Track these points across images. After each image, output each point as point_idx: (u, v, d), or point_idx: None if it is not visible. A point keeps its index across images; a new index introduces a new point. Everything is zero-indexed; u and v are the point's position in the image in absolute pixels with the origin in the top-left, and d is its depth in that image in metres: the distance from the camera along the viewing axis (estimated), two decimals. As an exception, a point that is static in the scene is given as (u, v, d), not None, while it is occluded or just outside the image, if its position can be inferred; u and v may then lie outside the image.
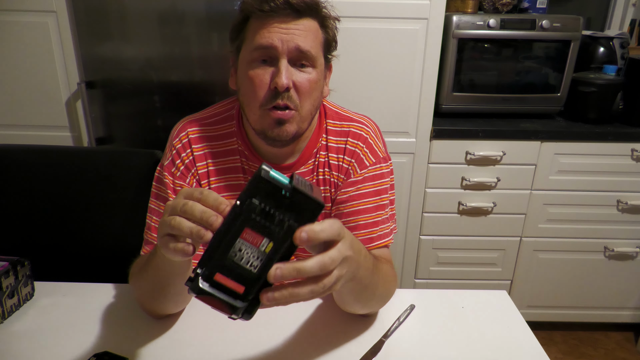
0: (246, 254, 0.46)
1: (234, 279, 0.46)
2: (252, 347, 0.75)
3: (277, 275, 0.46)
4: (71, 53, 1.58)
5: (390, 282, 0.80)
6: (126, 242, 0.97)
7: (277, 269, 0.46)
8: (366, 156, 0.87)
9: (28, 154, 1.12)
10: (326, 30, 0.80)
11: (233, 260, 0.46)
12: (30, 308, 0.83)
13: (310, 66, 0.77)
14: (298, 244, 0.46)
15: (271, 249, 0.46)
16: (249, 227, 0.46)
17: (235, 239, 0.46)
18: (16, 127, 1.67)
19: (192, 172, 0.86)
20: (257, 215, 0.46)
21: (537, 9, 1.83)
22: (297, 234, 0.46)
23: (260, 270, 0.46)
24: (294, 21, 0.74)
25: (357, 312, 0.81)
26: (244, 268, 0.46)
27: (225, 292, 0.47)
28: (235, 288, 0.46)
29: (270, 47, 0.73)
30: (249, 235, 0.46)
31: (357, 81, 1.65)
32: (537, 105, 1.82)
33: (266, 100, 0.75)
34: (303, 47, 0.74)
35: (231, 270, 0.46)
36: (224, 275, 0.46)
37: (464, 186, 1.76)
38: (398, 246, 1.86)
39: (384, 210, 0.88)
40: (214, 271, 0.46)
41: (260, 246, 0.46)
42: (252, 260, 0.46)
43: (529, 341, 0.78)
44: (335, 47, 0.83)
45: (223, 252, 0.46)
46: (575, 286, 1.91)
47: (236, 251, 0.46)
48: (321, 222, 0.49)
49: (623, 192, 1.78)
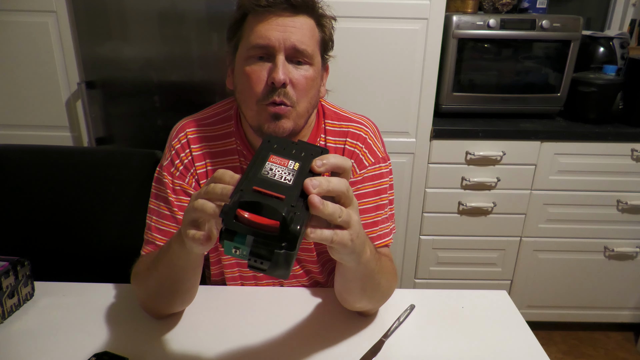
0: (278, 172, 0.49)
1: (271, 190, 0.46)
2: (252, 347, 0.75)
3: (314, 183, 0.49)
4: (71, 53, 1.58)
5: (392, 276, 0.80)
6: (126, 242, 0.98)
7: (311, 179, 0.49)
8: (365, 156, 0.87)
9: (28, 154, 1.12)
10: (322, 29, 0.80)
11: (267, 177, 0.48)
12: (30, 308, 0.83)
13: (307, 63, 0.77)
14: (315, 169, 0.51)
15: (299, 167, 0.50)
16: (273, 154, 0.51)
17: (264, 163, 0.50)
18: (16, 127, 1.67)
19: (191, 172, 0.86)
20: (278, 145, 0.52)
21: (537, 9, 1.83)
22: (316, 160, 0.51)
23: (294, 182, 0.48)
24: (291, 17, 0.75)
25: (362, 306, 0.80)
26: (279, 181, 0.48)
27: (265, 199, 0.46)
28: (277, 195, 0.46)
29: (267, 41, 0.74)
30: (276, 159, 0.50)
31: (357, 81, 1.65)
32: (537, 105, 1.82)
33: (263, 95, 0.75)
34: (300, 44, 0.75)
35: (267, 184, 0.47)
36: (262, 187, 0.47)
37: (464, 186, 1.76)
38: (398, 246, 1.86)
39: (384, 210, 0.88)
40: (250, 185, 0.47)
41: (289, 165, 0.50)
42: (284, 175, 0.49)
43: (529, 341, 0.78)
44: (332, 47, 0.84)
45: (256, 172, 0.49)
46: (575, 286, 1.91)
47: (267, 170, 0.49)
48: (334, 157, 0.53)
49: (623, 192, 1.78)
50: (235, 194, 0.46)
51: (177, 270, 0.69)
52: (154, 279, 0.73)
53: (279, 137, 0.54)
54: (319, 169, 0.51)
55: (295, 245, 0.45)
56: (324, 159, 0.52)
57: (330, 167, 0.52)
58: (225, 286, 0.94)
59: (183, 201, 0.85)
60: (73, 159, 1.12)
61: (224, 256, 0.93)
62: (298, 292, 0.90)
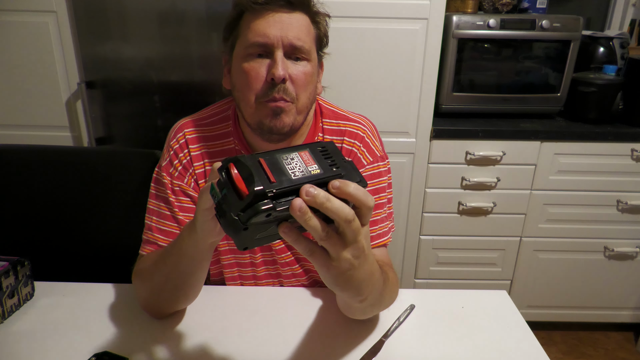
0: (294, 164, 0.48)
1: (271, 171, 0.46)
2: (252, 347, 0.75)
3: (310, 191, 0.45)
4: (71, 53, 1.58)
5: (394, 287, 0.79)
6: (126, 242, 0.98)
7: (311, 186, 0.46)
8: (363, 155, 0.88)
9: (28, 154, 1.12)
10: (317, 26, 0.81)
11: (281, 159, 0.48)
12: (30, 308, 0.83)
13: (305, 59, 0.77)
14: (330, 188, 0.47)
15: (317, 174, 0.48)
16: (309, 151, 0.50)
17: (294, 151, 0.49)
18: (16, 127, 1.68)
19: (189, 172, 0.86)
20: (319, 148, 0.51)
21: (537, 9, 1.83)
22: (335, 181, 0.48)
23: (298, 179, 0.47)
24: (288, 14, 0.75)
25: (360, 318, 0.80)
26: (286, 169, 0.47)
27: (261, 171, 0.46)
28: (269, 175, 0.46)
29: (266, 39, 0.74)
30: (306, 156, 0.49)
31: (357, 81, 1.65)
32: (537, 105, 1.82)
33: (263, 92, 0.76)
34: (297, 40, 0.75)
35: (274, 164, 0.47)
36: (266, 163, 0.46)
37: (464, 186, 1.76)
38: (398, 246, 1.86)
39: (382, 209, 0.88)
40: (258, 156, 0.47)
41: (309, 167, 0.48)
42: (296, 169, 0.48)
43: (529, 341, 0.78)
44: (326, 43, 0.84)
45: (277, 151, 0.48)
46: (575, 286, 1.91)
47: (288, 157, 0.48)
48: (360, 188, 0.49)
49: (623, 192, 1.78)
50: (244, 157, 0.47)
51: (186, 261, 0.69)
52: (161, 273, 0.73)
53: (337, 149, 0.51)
54: (332, 189, 0.47)
55: (246, 221, 0.45)
56: (343, 184, 0.47)
57: (343, 194, 0.47)
58: (225, 286, 0.94)
59: (182, 202, 0.85)
60: (73, 159, 1.12)
61: (223, 256, 0.93)
62: (298, 292, 0.90)
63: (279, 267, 0.93)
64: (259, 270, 0.94)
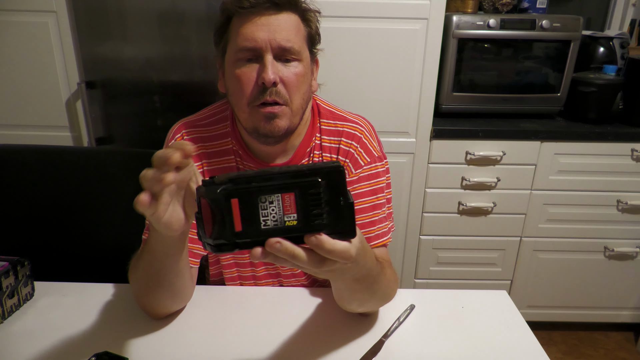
0: (271, 209, 0.44)
1: (241, 215, 0.44)
2: (252, 347, 0.75)
3: (275, 246, 0.44)
4: (71, 53, 1.58)
5: (394, 283, 0.80)
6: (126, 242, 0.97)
7: (277, 242, 0.44)
8: (360, 156, 0.87)
9: (28, 154, 1.12)
10: (308, 23, 0.80)
11: (258, 201, 0.44)
12: (30, 308, 0.83)
13: (295, 60, 0.77)
14: (306, 241, 0.46)
15: (291, 226, 0.45)
16: (295, 195, 0.44)
17: (277, 192, 0.44)
18: (16, 127, 1.68)
19: (188, 172, 0.86)
20: (311, 190, 0.44)
21: (537, 9, 1.83)
22: (311, 237, 0.45)
23: (266, 230, 0.45)
24: (275, 15, 0.75)
25: (361, 311, 0.80)
26: (258, 215, 0.44)
27: (228, 217, 0.44)
28: (236, 223, 0.44)
29: (254, 43, 0.74)
30: (289, 200, 0.44)
31: (357, 81, 1.65)
32: (537, 105, 1.82)
33: (254, 97, 0.75)
34: (286, 42, 0.74)
35: (247, 207, 0.44)
36: (238, 206, 0.44)
37: (464, 186, 1.76)
38: (398, 246, 1.86)
39: (381, 209, 0.88)
40: (234, 195, 0.44)
41: (286, 216, 0.45)
42: (269, 218, 0.45)
43: (529, 341, 0.78)
44: (319, 40, 0.84)
45: (258, 190, 0.44)
46: (575, 286, 1.91)
47: (267, 199, 0.44)
48: (339, 242, 0.47)
49: (623, 192, 1.78)
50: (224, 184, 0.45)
51: (158, 257, 0.68)
52: (141, 270, 0.73)
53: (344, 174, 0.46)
54: (308, 244, 0.46)
55: (213, 251, 0.46)
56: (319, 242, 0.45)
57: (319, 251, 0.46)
58: (225, 286, 0.94)
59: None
60: (73, 159, 1.12)
61: (222, 256, 0.93)
62: (298, 292, 0.90)
63: (278, 267, 0.93)
64: (259, 270, 0.94)
